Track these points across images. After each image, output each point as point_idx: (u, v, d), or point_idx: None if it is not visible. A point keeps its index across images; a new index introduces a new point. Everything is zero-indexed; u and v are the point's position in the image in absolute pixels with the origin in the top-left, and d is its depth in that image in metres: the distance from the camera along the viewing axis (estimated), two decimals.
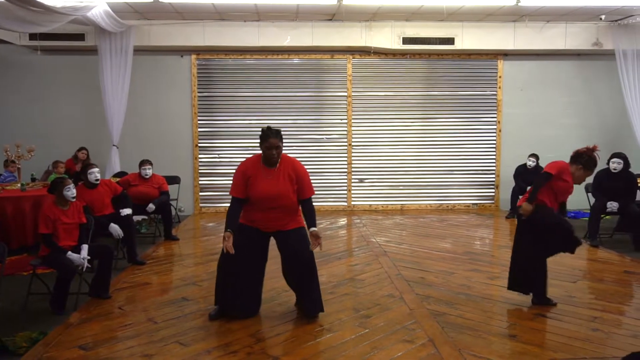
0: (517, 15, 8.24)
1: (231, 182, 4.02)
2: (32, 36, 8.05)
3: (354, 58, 9.02)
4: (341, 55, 9.00)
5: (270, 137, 3.85)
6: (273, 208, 3.91)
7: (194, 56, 8.91)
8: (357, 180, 9.22)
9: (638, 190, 6.78)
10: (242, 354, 3.40)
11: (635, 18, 8.00)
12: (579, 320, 3.94)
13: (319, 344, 3.56)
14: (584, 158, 4.17)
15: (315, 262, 3.99)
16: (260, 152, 3.93)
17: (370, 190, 9.25)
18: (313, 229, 3.85)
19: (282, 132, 4.01)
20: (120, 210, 5.72)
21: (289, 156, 4.05)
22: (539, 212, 4.10)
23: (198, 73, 8.97)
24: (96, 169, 5.67)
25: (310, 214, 3.94)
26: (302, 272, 3.95)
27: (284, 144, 4.04)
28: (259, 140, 3.90)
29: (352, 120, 9.11)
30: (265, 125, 4.01)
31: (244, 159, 4.06)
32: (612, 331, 3.77)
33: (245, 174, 3.89)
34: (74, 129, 8.71)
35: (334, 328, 3.82)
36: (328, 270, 5.35)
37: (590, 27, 8.63)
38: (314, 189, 4.09)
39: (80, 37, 8.26)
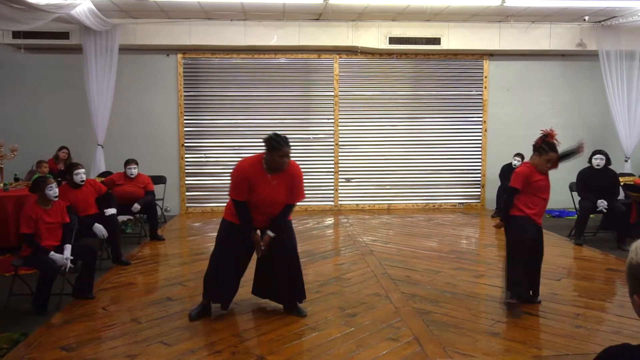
0: (502, 16, 8.30)
1: (218, 181, 4.03)
2: (16, 34, 7.95)
3: (340, 58, 9.03)
4: (328, 54, 9.00)
5: (284, 147, 3.78)
6: (268, 211, 3.93)
7: (180, 55, 8.86)
8: (344, 180, 9.22)
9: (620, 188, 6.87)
10: (227, 353, 3.38)
11: (618, 19, 8.09)
12: (563, 318, 3.97)
13: (304, 343, 3.55)
14: (535, 146, 4.25)
15: (297, 253, 4.07)
16: (260, 153, 3.89)
17: (357, 190, 9.26)
18: (270, 233, 3.87)
19: (269, 132, 3.99)
20: (105, 210, 5.67)
21: (291, 161, 3.98)
22: (512, 229, 4.15)
23: (184, 72, 8.92)
24: (82, 170, 5.60)
25: (283, 216, 3.94)
26: (284, 261, 3.98)
27: None
28: (265, 146, 3.81)
29: (339, 120, 9.11)
30: (272, 133, 3.88)
31: (242, 159, 3.99)
32: (594, 328, 3.81)
33: (248, 179, 3.82)
34: (58, 128, 8.61)
35: (320, 327, 3.81)
36: (314, 269, 5.34)
37: (574, 28, 8.72)
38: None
39: (64, 35, 8.16)
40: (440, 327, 3.76)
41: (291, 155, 3.91)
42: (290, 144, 3.88)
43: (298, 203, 4.13)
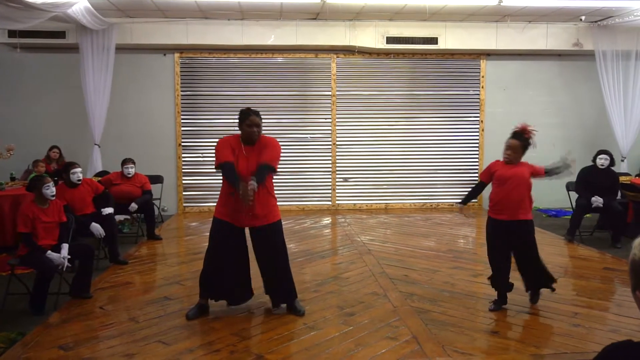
0: (499, 16, 8.32)
1: (215, 181, 4.04)
2: (11, 33, 7.91)
3: (338, 57, 9.03)
4: (325, 54, 9.00)
5: (251, 115, 3.88)
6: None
7: (177, 55, 8.84)
8: (341, 180, 9.22)
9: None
10: (225, 352, 3.37)
11: (615, 19, 8.11)
12: (561, 316, 3.98)
13: (303, 342, 3.55)
14: None
15: (286, 251, 4.04)
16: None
17: (354, 189, 9.26)
18: (253, 182, 3.61)
19: (267, 132, 4.01)
20: (102, 210, 5.65)
21: (267, 136, 4.04)
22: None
23: (181, 72, 8.90)
24: (79, 169, 5.58)
25: (259, 173, 3.73)
26: (272, 259, 3.98)
27: None
28: (237, 119, 3.93)
29: (337, 120, 9.11)
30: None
31: (224, 138, 4.03)
32: (593, 326, 3.82)
33: (230, 144, 3.90)
34: (54, 127, 8.58)
35: (318, 326, 3.81)
36: (312, 269, 5.34)
37: (570, 27, 8.74)
38: (299, 187, 4.09)
39: (61, 34, 8.13)
40: (438, 326, 3.76)
41: (285, 154, 3.91)
42: (284, 142, 3.90)
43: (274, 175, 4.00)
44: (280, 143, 4.02)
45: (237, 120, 3.94)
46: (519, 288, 4.58)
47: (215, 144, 3.98)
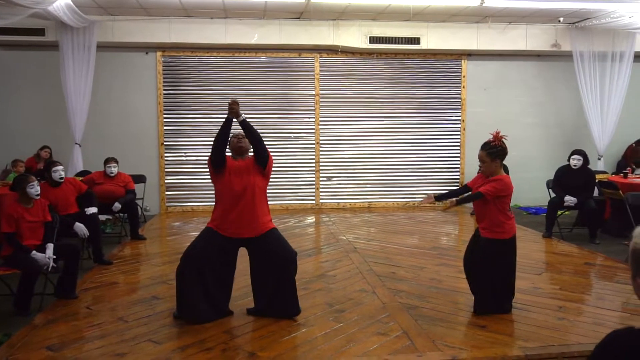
0: (480, 16, 8.44)
1: (198, 180, 4.04)
2: None
3: (321, 57, 9.05)
4: (309, 53, 9.01)
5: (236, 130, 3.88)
6: (242, 205, 3.80)
7: (159, 53, 8.76)
8: (325, 179, 9.24)
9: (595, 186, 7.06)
10: (217, 350, 3.36)
11: (592, 21, 8.30)
12: (546, 310, 4.06)
13: (294, 339, 3.56)
14: None
15: (293, 264, 3.92)
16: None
17: (338, 188, 9.29)
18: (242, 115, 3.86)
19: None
20: (86, 209, 5.58)
21: None
22: None
23: (163, 70, 8.82)
24: (60, 167, 5.51)
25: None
26: (276, 270, 3.87)
27: None
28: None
29: (320, 119, 9.13)
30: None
31: None
32: (576, 319, 3.91)
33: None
34: (34, 126, 8.43)
35: (309, 323, 3.82)
36: (299, 267, 5.20)
37: (549, 29, 8.92)
38: (282, 186, 4.10)
39: (40, 32, 7.99)
40: (428, 321, 3.81)
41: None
42: (267, 141, 3.94)
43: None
44: (264, 142, 4.03)
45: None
46: None
47: (198, 143, 4.02)
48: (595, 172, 7.40)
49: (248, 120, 3.91)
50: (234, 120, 3.85)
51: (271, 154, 3.99)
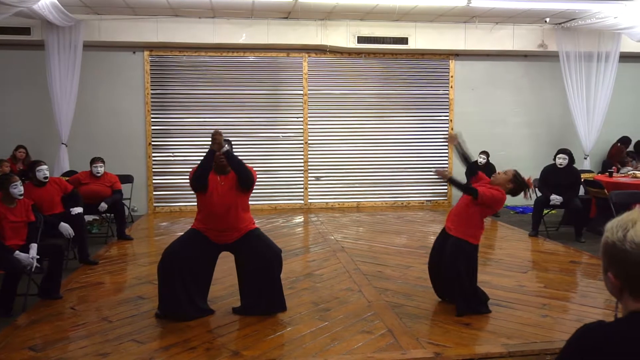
0: (467, 17, 8.48)
1: (186, 180, 3.98)
2: None
3: (309, 56, 9.05)
4: (297, 53, 9.01)
5: (218, 148, 3.82)
6: (223, 222, 3.86)
7: (146, 53, 8.71)
8: (313, 178, 9.24)
9: (581, 185, 7.12)
10: (201, 349, 3.35)
11: (577, 21, 8.37)
12: (530, 308, 4.09)
13: (279, 338, 3.56)
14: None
15: (277, 262, 3.95)
16: None
17: (326, 188, 9.30)
18: (226, 146, 3.83)
19: (239, 130, 3.99)
20: (71, 209, 5.55)
21: None
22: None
23: (151, 70, 8.78)
24: (45, 167, 5.47)
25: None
26: (262, 269, 3.89)
27: (241, 143, 4.02)
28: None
29: (308, 119, 9.13)
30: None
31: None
32: (560, 317, 3.95)
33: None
34: (19, 126, 8.35)
35: (294, 322, 3.82)
36: (286, 267, 5.27)
37: (536, 29, 8.98)
38: (271, 186, 4.08)
39: (25, 30, 7.92)
40: (413, 319, 3.82)
41: (253, 151, 3.92)
42: (256, 141, 3.90)
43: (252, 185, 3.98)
44: (252, 142, 4.03)
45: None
46: (489, 282, 4.70)
47: (186, 143, 3.98)
48: (581, 171, 7.47)
49: (238, 119, 3.90)
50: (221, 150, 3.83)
51: (260, 153, 3.97)
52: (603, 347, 1.26)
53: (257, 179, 4.05)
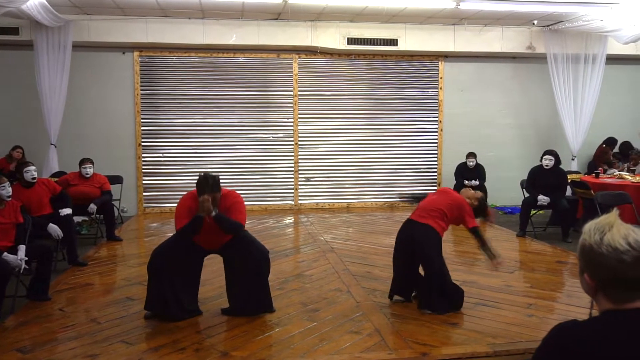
0: (456, 19, 8.55)
1: (176, 181, 3.99)
2: None
3: (299, 57, 9.07)
4: (287, 54, 9.03)
5: (202, 194, 3.72)
6: (214, 236, 3.92)
7: (136, 53, 8.70)
8: (303, 179, 9.27)
9: (568, 186, 7.20)
10: (191, 350, 3.37)
11: (565, 24, 8.46)
12: (516, 307, 4.15)
13: (268, 338, 3.58)
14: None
15: (265, 263, 3.97)
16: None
17: (316, 189, 9.32)
18: (214, 212, 3.76)
19: (229, 132, 4.00)
20: (60, 210, 5.53)
21: (226, 191, 3.94)
22: None
23: (141, 70, 8.76)
24: (32, 167, 5.45)
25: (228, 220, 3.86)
26: (250, 270, 3.91)
27: (231, 144, 4.04)
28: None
29: (299, 119, 9.16)
30: (202, 175, 3.81)
31: (185, 194, 3.97)
32: (545, 316, 4.00)
33: (191, 209, 3.83)
34: (8, 127, 8.30)
35: (283, 322, 3.85)
36: (275, 267, 5.33)
37: (524, 31, 9.06)
38: (261, 187, 4.11)
39: (14, 30, 7.88)
40: (400, 320, 3.86)
41: (243, 152, 3.92)
42: (246, 142, 3.92)
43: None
44: (242, 143, 4.04)
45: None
46: (477, 282, 4.76)
47: (176, 143, 3.97)
48: (568, 172, 7.56)
49: (228, 120, 3.92)
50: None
51: (250, 154, 3.98)
52: (578, 345, 1.30)
53: (248, 180, 4.10)
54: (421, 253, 4.02)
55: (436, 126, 9.52)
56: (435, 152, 9.54)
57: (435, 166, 9.56)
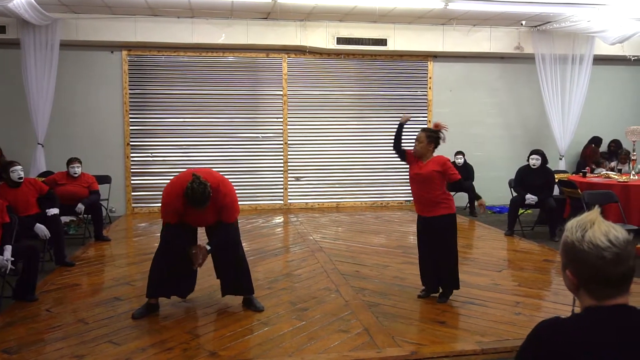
0: (445, 19, 8.58)
1: (165, 181, 4.01)
2: None
3: (289, 57, 9.06)
4: (276, 54, 9.02)
5: (191, 207, 3.73)
6: (204, 224, 4.09)
7: (125, 52, 8.64)
8: (293, 179, 9.26)
9: (555, 185, 7.27)
10: (178, 350, 3.36)
11: (552, 24, 8.53)
12: (504, 306, 4.18)
13: (256, 338, 3.58)
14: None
15: (238, 248, 4.10)
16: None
17: (306, 188, 9.32)
18: (207, 246, 3.87)
19: (218, 131, 4.05)
20: (47, 210, 5.48)
21: (216, 184, 3.85)
22: None
23: (129, 70, 8.71)
24: (19, 167, 5.39)
25: (218, 235, 3.96)
26: (226, 253, 4.03)
27: (220, 143, 4.06)
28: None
29: (288, 119, 9.15)
30: (189, 186, 3.63)
31: (170, 188, 3.87)
32: (533, 314, 4.03)
33: (179, 211, 3.84)
34: None
35: (271, 321, 3.85)
36: (264, 267, 5.37)
37: (512, 31, 9.12)
38: (251, 186, 4.16)
39: (0, 29, 7.80)
40: (389, 318, 3.88)
41: (232, 151, 3.99)
42: (235, 141, 4.03)
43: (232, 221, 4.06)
44: (232, 142, 4.07)
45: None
46: (465, 281, 4.78)
47: (164, 143, 3.97)
48: (555, 172, 7.62)
49: (217, 119, 3.96)
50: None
51: (240, 153, 4.07)
52: (560, 342, 1.32)
53: (237, 179, 4.16)
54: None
55: (425, 126, 9.54)
56: None
57: None
